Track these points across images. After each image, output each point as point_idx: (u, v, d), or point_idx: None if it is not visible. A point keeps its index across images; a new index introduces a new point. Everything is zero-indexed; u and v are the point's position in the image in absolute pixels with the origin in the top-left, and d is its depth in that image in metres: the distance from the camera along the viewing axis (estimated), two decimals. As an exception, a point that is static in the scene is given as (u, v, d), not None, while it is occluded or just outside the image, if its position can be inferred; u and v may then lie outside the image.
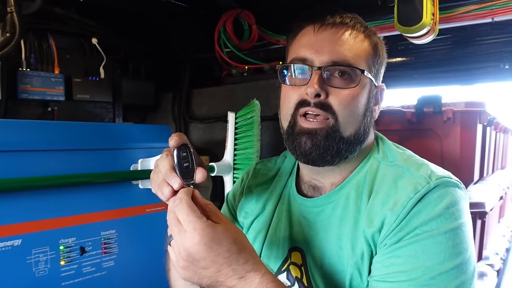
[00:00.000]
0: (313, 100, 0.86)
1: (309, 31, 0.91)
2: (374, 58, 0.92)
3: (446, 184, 0.82)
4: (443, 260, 0.76)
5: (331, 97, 0.86)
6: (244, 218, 1.09)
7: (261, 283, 0.74)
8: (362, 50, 0.89)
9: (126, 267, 1.48)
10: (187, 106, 2.29)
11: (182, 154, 0.81)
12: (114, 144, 1.46)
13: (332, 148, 0.87)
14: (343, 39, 0.88)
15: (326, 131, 0.87)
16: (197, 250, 0.71)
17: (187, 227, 0.72)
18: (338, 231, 0.89)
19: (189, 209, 0.73)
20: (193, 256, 0.72)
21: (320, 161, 0.89)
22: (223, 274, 0.74)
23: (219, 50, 2.12)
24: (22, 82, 1.66)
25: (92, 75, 1.93)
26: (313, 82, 0.85)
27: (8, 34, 1.43)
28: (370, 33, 0.92)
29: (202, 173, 0.81)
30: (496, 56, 1.98)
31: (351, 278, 0.85)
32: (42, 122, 1.38)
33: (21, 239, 1.21)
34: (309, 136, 0.87)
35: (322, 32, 0.89)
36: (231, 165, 1.70)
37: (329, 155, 0.88)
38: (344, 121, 0.87)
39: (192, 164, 0.81)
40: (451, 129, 1.87)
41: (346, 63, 0.87)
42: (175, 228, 0.73)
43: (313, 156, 0.88)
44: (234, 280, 0.74)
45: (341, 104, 0.86)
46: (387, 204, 0.83)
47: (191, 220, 0.72)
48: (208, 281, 0.74)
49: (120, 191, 1.46)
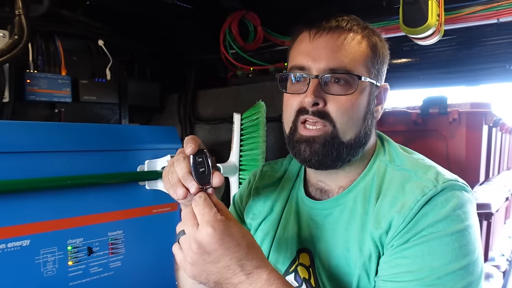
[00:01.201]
0: (311, 109, 0.88)
1: (306, 38, 0.91)
2: (374, 59, 0.92)
3: (453, 187, 0.82)
4: (449, 261, 0.77)
5: (329, 105, 0.87)
6: (251, 219, 1.10)
7: (268, 280, 0.75)
8: (359, 53, 0.89)
9: (133, 267, 1.49)
10: (192, 107, 2.29)
11: (198, 160, 0.82)
12: (121, 145, 1.47)
13: (331, 153, 0.88)
14: (339, 44, 0.88)
15: (324, 138, 0.88)
16: (209, 241, 0.72)
17: (200, 220, 0.74)
18: (345, 233, 0.90)
19: (206, 204, 0.76)
20: (204, 248, 0.73)
21: (321, 166, 0.91)
22: (232, 269, 0.74)
23: (224, 52, 2.13)
24: (30, 84, 1.67)
25: (99, 77, 1.94)
26: (310, 92, 0.86)
27: (16, 36, 1.44)
28: (368, 34, 0.92)
29: (219, 178, 0.83)
30: (502, 57, 1.96)
31: (359, 279, 0.86)
32: (50, 124, 1.40)
33: (30, 239, 1.23)
34: (308, 144, 0.89)
35: (318, 38, 0.89)
36: (237, 166, 1.71)
37: (330, 160, 0.89)
38: (343, 127, 0.88)
39: (208, 170, 0.82)
40: (457, 130, 1.86)
41: (343, 69, 0.87)
42: (190, 222, 0.75)
43: (313, 162, 0.90)
44: (242, 276, 0.75)
45: (339, 111, 0.87)
46: (394, 206, 0.83)
47: (205, 213, 0.74)
48: (216, 277, 0.75)
49: (127, 192, 1.48)
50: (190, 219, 0.75)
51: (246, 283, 0.75)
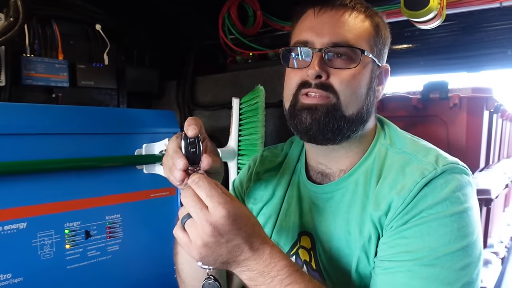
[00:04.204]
0: (314, 81, 0.87)
1: (310, 15, 0.92)
2: (376, 38, 0.92)
3: (453, 170, 0.82)
4: (448, 242, 0.77)
5: (332, 78, 0.87)
6: (253, 204, 1.11)
7: (271, 253, 0.76)
8: (362, 30, 0.90)
9: (131, 251, 1.49)
10: (191, 94, 2.27)
11: (190, 140, 0.80)
12: (118, 128, 1.46)
13: (332, 125, 0.87)
14: (343, 20, 0.89)
15: (326, 108, 0.87)
16: (223, 223, 0.71)
17: (209, 202, 0.72)
18: (346, 216, 0.91)
19: (210, 185, 0.73)
20: (219, 230, 0.71)
21: (321, 138, 0.89)
22: (241, 248, 0.74)
23: (223, 37, 2.11)
24: (26, 68, 1.65)
25: (96, 62, 1.93)
26: (314, 64, 0.86)
27: (12, 18, 1.42)
28: (371, 13, 0.92)
29: (207, 160, 0.81)
30: (504, 42, 1.95)
31: (358, 260, 0.86)
32: (47, 106, 1.38)
33: (26, 222, 1.22)
34: (309, 111, 0.88)
35: (322, 14, 0.90)
36: (235, 151, 1.70)
37: (330, 132, 0.88)
38: (346, 100, 0.87)
39: (199, 151, 0.81)
40: (457, 116, 1.85)
41: (346, 43, 0.87)
42: (197, 205, 0.72)
43: (313, 131, 0.88)
44: (249, 253, 0.74)
45: (342, 83, 0.87)
46: (394, 188, 0.83)
47: (214, 195, 0.72)
48: (225, 258, 0.74)
49: (125, 176, 1.47)
50: (197, 202, 0.72)
51: (252, 259, 0.75)
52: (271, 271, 0.75)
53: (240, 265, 0.75)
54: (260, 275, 0.75)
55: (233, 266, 0.76)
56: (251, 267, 0.75)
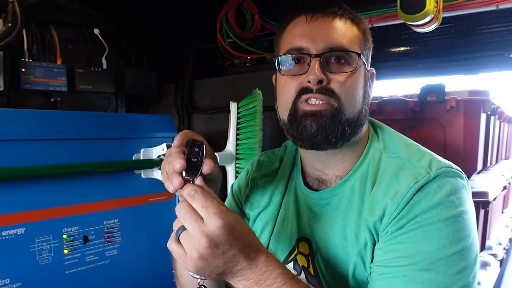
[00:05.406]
0: (315, 87, 0.86)
1: (301, 21, 0.92)
2: (364, 43, 0.94)
3: (446, 174, 0.82)
4: (443, 246, 0.77)
5: (332, 83, 0.87)
6: (250, 209, 1.11)
7: (266, 261, 0.75)
8: (353, 35, 0.91)
9: (129, 256, 1.49)
10: (189, 97, 2.28)
11: (194, 150, 0.79)
12: (116, 133, 1.47)
13: (337, 130, 0.87)
14: (335, 26, 0.90)
15: (330, 112, 0.87)
16: (219, 233, 0.70)
17: (205, 213, 0.71)
18: (343, 222, 0.91)
19: (205, 197, 0.72)
20: (215, 241, 0.70)
21: (325, 144, 0.89)
22: (237, 258, 0.73)
23: (221, 40, 2.11)
24: (25, 72, 1.66)
25: (95, 66, 1.93)
26: (314, 69, 0.86)
27: (10, 24, 1.43)
28: (357, 20, 0.94)
29: (209, 163, 0.79)
30: (500, 44, 1.95)
31: (355, 266, 0.86)
32: (46, 112, 1.39)
33: (25, 227, 1.23)
34: (314, 118, 0.87)
35: (314, 21, 0.90)
36: (233, 155, 1.70)
37: (334, 137, 0.88)
38: (347, 103, 0.88)
39: (200, 161, 0.79)
40: (455, 118, 1.85)
41: (342, 48, 0.88)
42: (192, 216, 0.71)
43: (319, 138, 0.87)
44: (245, 263, 0.74)
45: (342, 87, 0.87)
46: (388, 194, 0.83)
47: (209, 206, 0.71)
48: (220, 269, 0.73)
49: (123, 181, 1.47)
50: (192, 214, 0.71)
51: (247, 268, 0.74)
52: (267, 279, 0.74)
53: (236, 275, 0.75)
54: (256, 284, 0.74)
55: (229, 276, 0.75)
56: (247, 276, 0.74)
